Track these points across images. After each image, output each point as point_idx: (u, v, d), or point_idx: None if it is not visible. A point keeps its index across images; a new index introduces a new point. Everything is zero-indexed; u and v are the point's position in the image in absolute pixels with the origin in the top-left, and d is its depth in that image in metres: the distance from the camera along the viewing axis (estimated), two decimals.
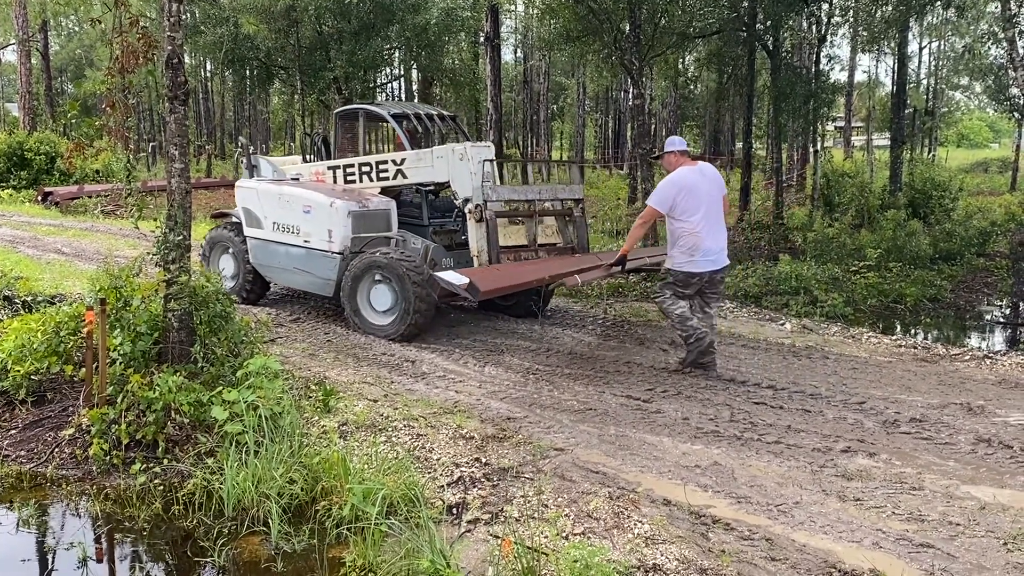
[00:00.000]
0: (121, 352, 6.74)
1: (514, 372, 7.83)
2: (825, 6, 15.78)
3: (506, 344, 8.90)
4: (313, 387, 7.04)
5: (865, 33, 18.95)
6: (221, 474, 5.39)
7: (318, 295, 10.59)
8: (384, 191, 10.29)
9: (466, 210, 9.10)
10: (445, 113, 10.96)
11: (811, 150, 21.70)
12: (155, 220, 7.44)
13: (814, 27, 18.62)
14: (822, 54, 20.17)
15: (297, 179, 11.25)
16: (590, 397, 7.08)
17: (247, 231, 10.92)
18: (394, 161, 10.13)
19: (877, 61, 57.45)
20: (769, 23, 17.94)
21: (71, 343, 7.10)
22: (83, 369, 6.58)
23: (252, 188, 10.99)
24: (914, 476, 5.43)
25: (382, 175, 10.25)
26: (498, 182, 9.65)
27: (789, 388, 7.35)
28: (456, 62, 25.97)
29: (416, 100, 32.63)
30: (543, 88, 47.21)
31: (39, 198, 26.37)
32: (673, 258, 7.80)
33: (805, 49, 23.19)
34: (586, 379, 7.61)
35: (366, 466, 5.39)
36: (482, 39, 17.57)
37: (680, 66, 22.37)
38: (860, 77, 53.58)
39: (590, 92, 47.90)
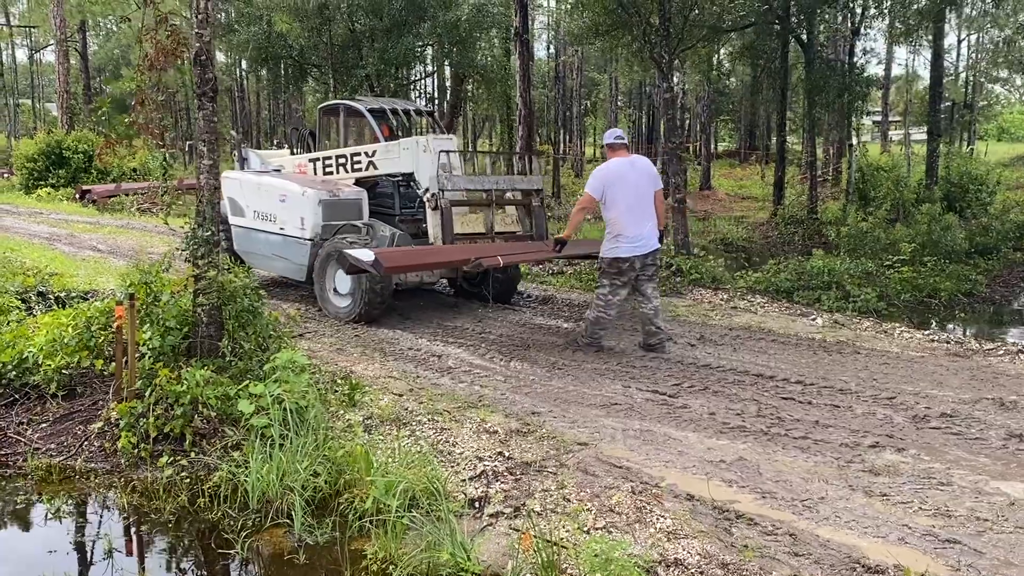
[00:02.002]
0: (150, 347, 6.80)
1: (540, 367, 7.82)
2: None
3: (533, 339, 8.89)
4: (339, 381, 7.06)
5: (900, 26, 18.67)
6: (246, 467, 5.42)
7: (294, 280, 11.17)
8: (358, 182, 10.87)
9: (424, 198, 9.74)
10: (422, 108, 11.66)
11: (846, 144, 21.42)
12: (184, 216, 7.50)
13: (848, 20, 18.37)
14: (856, 47, 19.99)
15: (279, 171, 11.92)
16: (615, 392, 7.05)
17: (231, 219, 11.59)
18: (366, 153, 10.73)
19: (914, 54, 56.63)
20: (802, 16, 17.79)
21: (102, 338, 7.18)
22: (113, 363, 6.65)
23: (235, 179, 11.69)
24: (943, 471, 5.35)
25: (356, 166, 10.85)
26: (460, 172, 10.19)
27: (818, 383, 7.27)
28: (488, 59, 25.94)
29: (448, 97, 32.69)
30: (576, 84, 47.14)
31: (77, 196, 26.74)
32: (604, 246, 8.37)
33: (840, 42, 22.92)
34: (612, 374, 7.58)
35: (389, 459, 5.40)
36: (512, 35, 17.47)
37: (714, 60, 22.19)
38: (897, 71, 52.92)
39: (623, 87, 47.75)
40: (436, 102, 33.65)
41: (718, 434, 6.06)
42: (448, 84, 33.40)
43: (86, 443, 6.23)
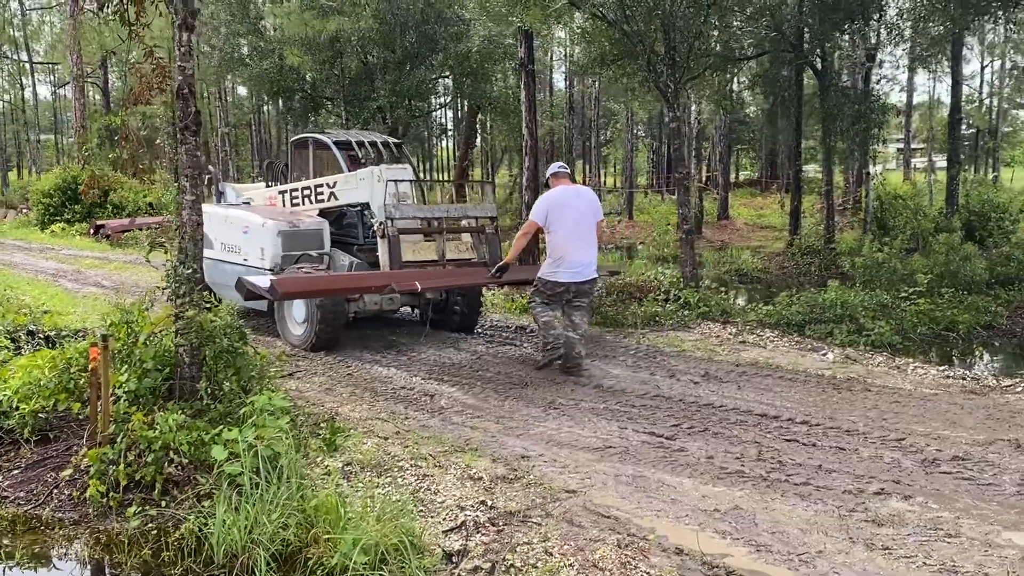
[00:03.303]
0: (127, 389, 6.58)
1: (535, 406, 7.52)
2: (873, 23, 15.30)
3: (531, 377, 8.60)
4: (323, 424, 6.80)
5: (917, 51, 18.35)
6: (214, 518, 5.15)
7: (257, 310, 11.29)
8: (322, 212, 11.11)
9: (375, 227, 9.94)
10: (390, 140, 11.70)
11: (863, 172, 21.07)
12: (166, 252, 7.31)
13: (860, 47, 18.11)
14: (872, 74, 19.68)
15: (248, 203, 12.26)
16: (611, 433, 6.74)
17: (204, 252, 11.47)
18: (328, 184, 10.98)
19: (935, 81, 56.14)
20: (816, 43, 17.54)
21: (81, 379, 6.96)
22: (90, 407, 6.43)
23: (206, 212, 11.78)
24: (951, 521, 5.01)
25: (319, 197, 11.11)
26: (413, 201, 10.48)
27: (824, 424, 6.94)
28: (501, 90, 25.87)
29: (463, 127, 32.63)
30: (594, 114, 47.01)
31: (91, 231, 26.72)
32: (543, 268, 8.73)
33: (856, 69, 22.64)
34: (609, 414, 7.28)
35: (364, 510, 5.12)
36: (517, 65, 17.30)
37: (726, 89, 21.95)
38: (921, 98, 52.40)
39: (641, 117, 47.55)
40: (450, 134, 33.55)
41: (715, 480, 5.74)
42: (463, 115, 33.37)
43: (55, 491, 5.99)
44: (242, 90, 37.98)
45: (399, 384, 8.36)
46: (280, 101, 26.15)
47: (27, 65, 52.74)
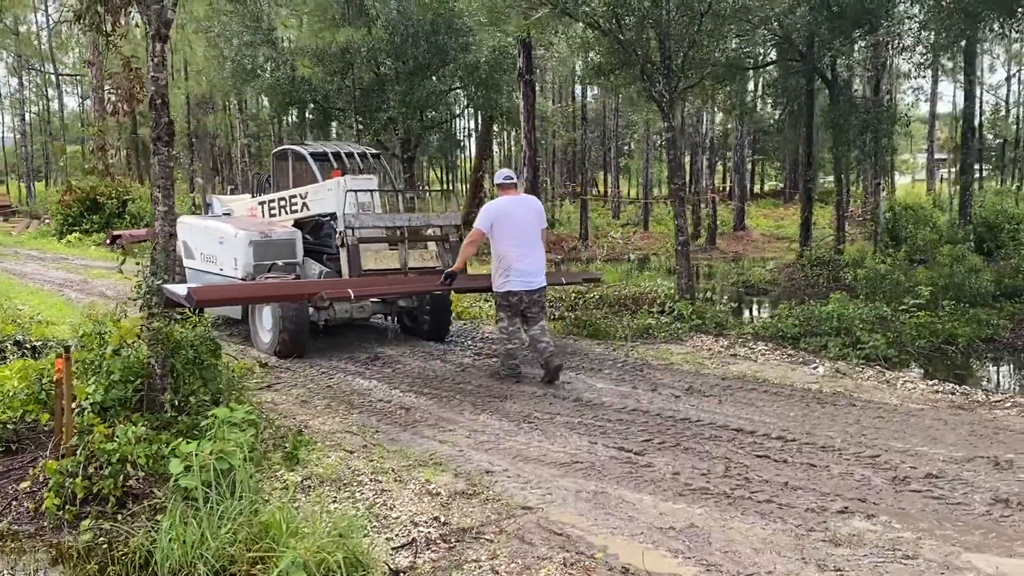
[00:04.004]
0: (92, 401, 6.55)
1: (509, 420, 7.43)
2: (880, 31, 15.10)
3: (512, 390, 8.51)
4: (296, 436, 6.74)
5: (921, 58, 18.09)
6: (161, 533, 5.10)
7: (234, 318, 11.63)
8: (299, 223, 11.42)
9: (336, 236, 10.22)
10: (368, 151, 12.03)
11: (874, 183, 20.83)
12: (137, 262, 7.31)
13: (870, 55, 17.89)
14: (882, 82, 19.44)
15: (228, 214, 12.68)
16: (580, 448, 6.64)
17: (185, 262, 12.14)
18: (300, 195, 11.33)
19: (958, 90, 55.49)
20: (824, 51, 17.36)
21: (52, 390, 6.94)
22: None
23: (187, 223, 12.29)
24: (912, 541, 4.88)
25: (293, 208, 11.48)
26: (377, 210, 11.03)
27: (800, 439, 6.80)
28: (517, 100, 25.82)
29: (476, 138, 32.63)
30: (614, 124, 46.95)
31: (108, 241, 26.91)
32: (495, 282, 8.79)
33: (868, 78, 22.38)
34: (583, 428, 7.18)
35: (315, 526, 5.05)
36: (516, 76, 17.25)
37: (738, 98, 21.75)
38: (947, 107, 51.79)
39: (660, 127, 47.40)
40: (462, 145, 33.53)
41: (676, 497, 5.63)
42: (476, 126, 33.42)
43: (14, 503, 5.97)
44: (259, 101, 38.34)
45: (377, 397, 8.29)
46: (294, 112, 26.19)
47: (53, 77, 53.27)
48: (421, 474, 6.04)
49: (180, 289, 7.55)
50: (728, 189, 43.75)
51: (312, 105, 24.94)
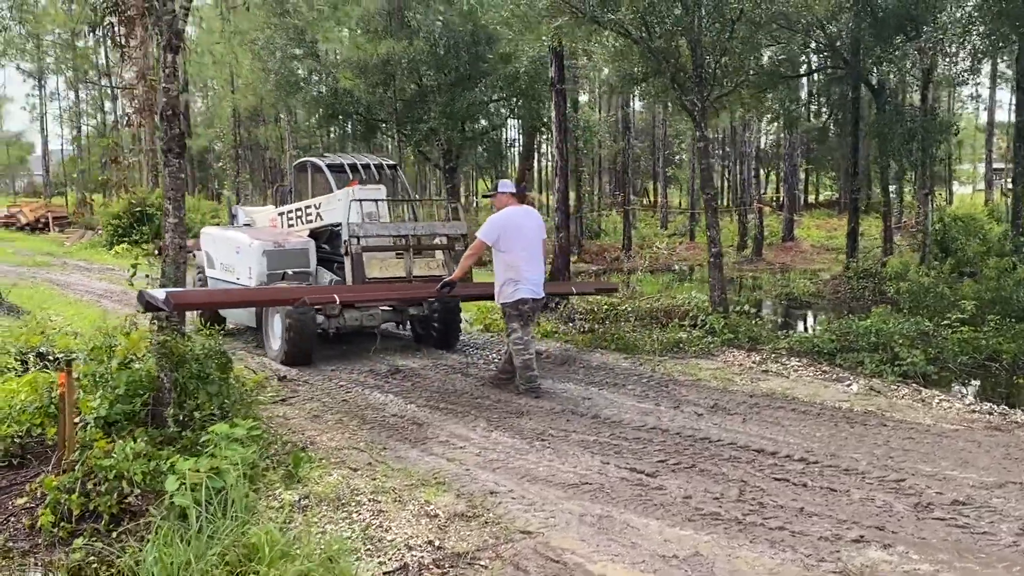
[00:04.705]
0: (97, 415, 6.47)
1: (522, 438, 7.22)
2: (924, 37, 14.65)
3: (530, 406, 8.29)
4: (299, 453, 6.60)
5: (966, 65, 17.54)
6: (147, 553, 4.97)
7: (251, 327, 11.79)
8: (315, 232, 11.54)
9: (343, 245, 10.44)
10: (385, 162, 12.19)
11: (922, 193, 20.23)
12: (147, 275, 7.24)
13: (916, 61, 17.37)
14: (930, 90, 18.89)
15: (249, 224, 12.95)
16: (591, 468, 6.41)
17: (207, 271, 12.55)
18: (315, 205, 11.55)
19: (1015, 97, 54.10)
20: (870, 58, 16.92)
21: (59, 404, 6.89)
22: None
23: (209, 234, 12.73)
24: (929, 574, 4.58)
25: (308, 218, 11.69)
26: (386, 220, 11.19)
27: (823, 461, 6.51)
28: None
29: (521, 149, 32.51)
30: (662, 133, 46.54)
31: (157, 252, 27.14)
32: (502, 294, 8.75)
33: (915, 86, 21.81)
34: (597, 447, 6.94)
35: (305, 547, 4.89)
36: (548, 85, 17.06)
37: (781, 106, 21.32)
38: (1004, 116, 50.55)
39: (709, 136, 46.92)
40: (504, 156, 33.40)
41: (685, 522, 5.38)
42: (516, 136, 33.32)
43: (12, 519, 5.90)
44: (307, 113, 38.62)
45: (392, 412, 8.13)
46: (338, 124, 26.29)
47: (108, 90, 54.15)
48: (422, 494, 5.86)
49: (159, 293, 7.52)
50: (779, 199, 43.10)
51: (355, 117, 25.00)
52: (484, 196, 11.25)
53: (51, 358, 9.38)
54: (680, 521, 5.39)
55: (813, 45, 16.66)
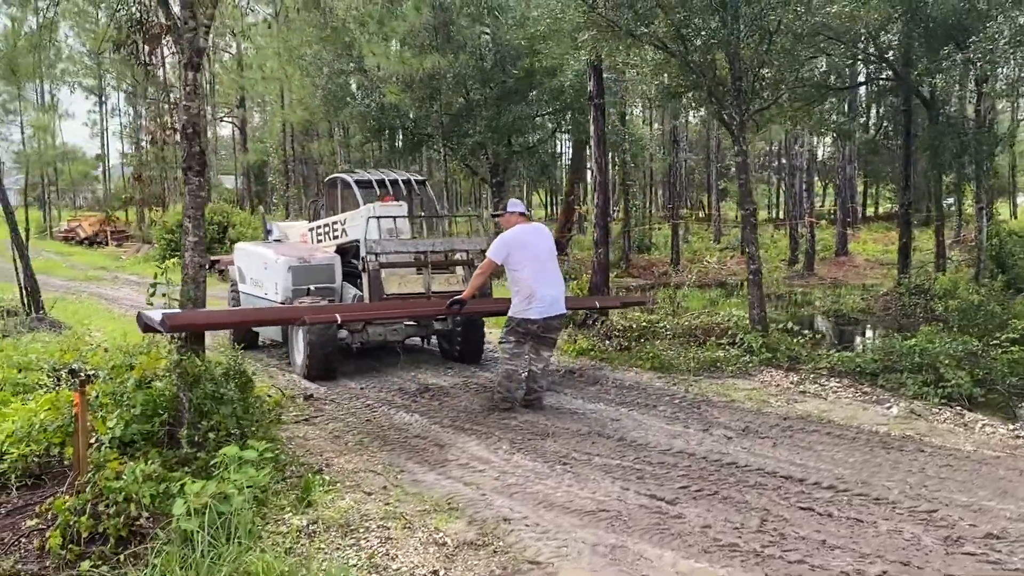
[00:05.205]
0: (113, 435, 6.45)
1: (543, 461, 7.05)
2: (972, 48, 14.21)
3: (556, 426, 8.13)
4: (311, 476, 6.52)
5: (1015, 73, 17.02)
6: None
7: (278, 340, 12.10)
8: (340, 248, 11.69)
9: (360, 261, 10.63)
10: (414, 178, 12.20)
11: (977, 208, 19.66)
12: (164, 294, 7.23)
13: (970, 71, 16.90)
14: (984, 102, 18.38)
15: (280, 240, 13.21)
16: (610, 494, 6.23)
17: (240, 286, 12.78)
18: (341, 221, 11.71)
19: None
20: (921, 69, 16.50)
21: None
22: None
23: (242, 249, 12.97)
24: None
25: (335, 234, 11.84)
26: (407, 236, 11.28)
27: (853, 490, 6.25)
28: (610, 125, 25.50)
29: (569, 163, 32.32)
30: (713, 146, 46.13)
31: (208, 266, 27.48)
32: (513, 307, 8.71)
33: (968, 97, 21.27)
34: (619, 471, 6.75)
35: (309, 574, 4.80)
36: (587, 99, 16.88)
37: (830, 119, 20.89)
38: None
39: (759, 149, 46.39)
40: (551, 170, 33.23)
41: (700, 554, 5.18)
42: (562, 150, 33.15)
43: (23, 540, 5.88)
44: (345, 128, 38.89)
45: (414, 432, 8.02)
46: (383, 139, 26.40)
47: (166, 106, 55.12)
48: (433, 521, 5.73)
49: (155, 314, 7.54)
50: (834, 212, 42.33)
51: (402, 131, 25.08)
52: (493, 216, 11.26)
53: (83, 375, 9.44)
54: (696, 553, 5.20)
55: (862, 56, 16.26)
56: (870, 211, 56.47)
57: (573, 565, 5.06)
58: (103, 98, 50.41)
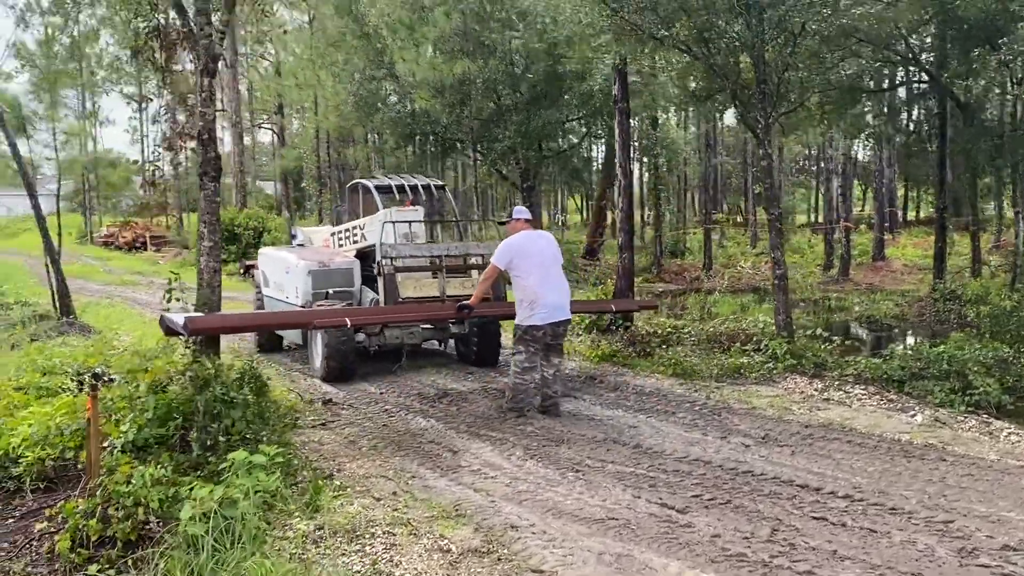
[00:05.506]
0: (126, 440, 6.49)
1: (555, 468, 6.99)
2: (1003, 50, 13.94)
3: (571, 433, 8.06)
4: (320, 481, 6.51)
5: None
6: None
7: (299, 344, 12.30)
8: (360, 252, 11.82)
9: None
10: (433, 183, 12.33)
11: (1016, 212, 19.29)
12: (178, 299, 7.27)
13: (998, 75, 16.62)
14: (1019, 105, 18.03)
15: (302, 245, 13.47)
16: (620, 502, 6.16)
17: (264, 290, 12.97)
18: (360, 226, 11.84)
19: None
20: (955, 72, 16.23)
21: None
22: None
23: (265, 254, 13.19)
24: None
25: (355, 238, 12.00)
26: (419, 240, 11.40)
27: (868, 499, 6.14)
28: (636, 128, 25.44)
29: (602, 168, 32.23)
30: (751, 150, 45.75)
31: (242, 271, 27.68)
32: (518, 314, 8.69)
33: (1006, 100, 20.89)
34: (632, 479, 6.68)
35: None
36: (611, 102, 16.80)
37: (863, 122, 20.63)
38: None
39: (796, 152, 45.97)
40: (582, 174, 33.11)
41: (707, 563, 5.10)
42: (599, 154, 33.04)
43: (35, 543, 5.92)
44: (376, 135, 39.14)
45: (429, 438, 7.99)
46: (415, 144, 26.49)
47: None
48: (439, 527, 5.70)
49: (178, 318, 7.62)
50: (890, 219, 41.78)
51: (432, 136, 25.14)
52: (500, 223, 11.56)
53: (106, 379, 9.53)
54: (703, 563, 5.12)
55: (895, 59, 16.02)
56: (912, 215, 55.69)
57: (577, 573, 5.01)
58: (143, 105, 51.14)
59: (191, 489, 5.72)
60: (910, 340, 12.62)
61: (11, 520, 6.27)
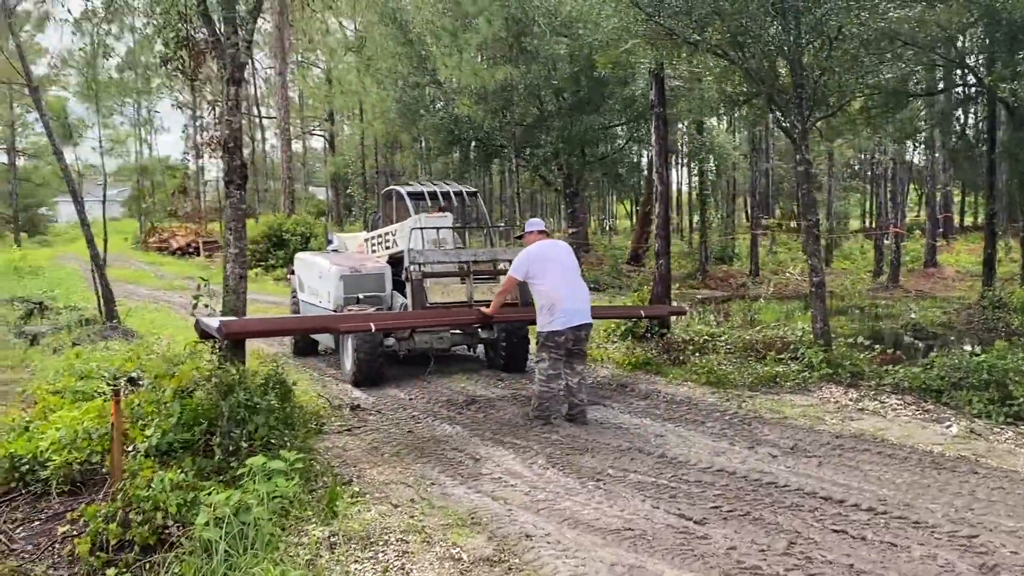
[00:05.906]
0: (150, 444, 6.58)
1: (576, 477, 6.95)
2: None
3: (596, 442, 8.01)
4: (337, 488, 6.53)
5: None
6: None
7: (331, 348, 12.34)
8: (392, 258, 11.95)
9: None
10: (465, 190, 12.54)
11: None
12: (206, 304, 7.34)
13: None
14: None
15: (336, 250, 13.69)
16: (638, 513, 6.10)
17: (299, 295, 13.25)
18: (391, 232, 12.07)
19: None
20: (1006, 75, 15.88)
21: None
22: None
23: (301, 259, 13.41)
24: None
25: (387, 244, 12.23)
26: (448, 246, 11.57)
27: (892, 512, 6.01)
28: (682, 134, 25.26)
29: (644, 172, 32.07)
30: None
31: (289, 276, 28.01)
32: (539, 321, 8.77)
33: None
34: (653, 489, 6.62)
35: None
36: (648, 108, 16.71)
37: (911, 126, 20.25)
38: None
39: (847, 157, 45.31)
40: (624, 179, 32.89)
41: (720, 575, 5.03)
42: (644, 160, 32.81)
43: (57, 546, 6.01)
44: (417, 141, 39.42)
45: (453, 445, 7.99)
46: (458, 150, 26.61)
47: (256, 120, 56.40)
48: (453, 535, 5.69)
49: (213, 322, 7.77)
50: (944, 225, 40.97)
51: (475, 142, 25.23)
52: (516, 237, 11.72)
53: (141, 383, 9.67)
54: (716, 574, 5.05)
55: (941, 62, 15.73)
56: (968, 220, 54.61)
57: None
58: (196, 112, 51.95)
59: (209, 494, 5.79)
60: (954, 349, 12.33)
61: (37, 523, 6.38)
